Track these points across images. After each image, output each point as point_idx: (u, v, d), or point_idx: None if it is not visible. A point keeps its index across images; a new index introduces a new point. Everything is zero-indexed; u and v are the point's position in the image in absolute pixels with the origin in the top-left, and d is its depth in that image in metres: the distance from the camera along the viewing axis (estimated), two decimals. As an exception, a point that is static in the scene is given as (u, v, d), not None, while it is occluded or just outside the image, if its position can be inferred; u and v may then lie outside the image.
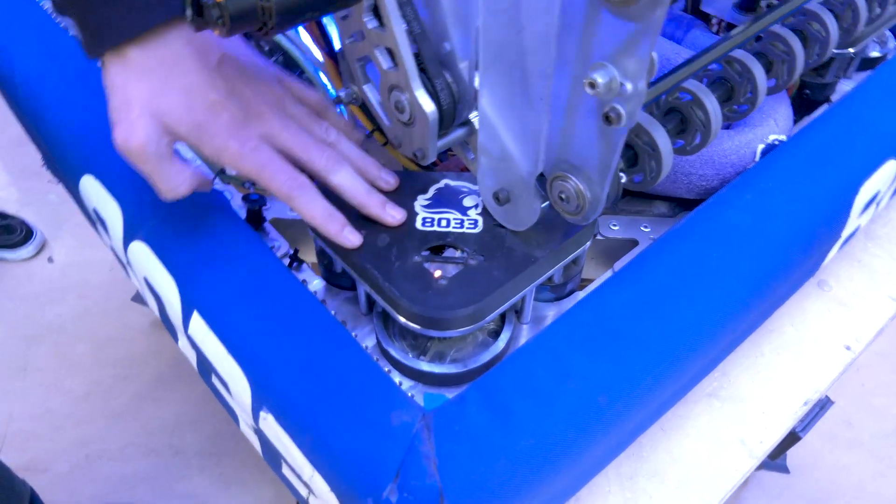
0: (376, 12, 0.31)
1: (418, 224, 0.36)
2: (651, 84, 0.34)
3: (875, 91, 0.46)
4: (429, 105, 0.32)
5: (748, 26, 0.38)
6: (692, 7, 0.55)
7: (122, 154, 0.32)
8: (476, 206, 0.37)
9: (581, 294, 0.40)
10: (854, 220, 0.43)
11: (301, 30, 0.44)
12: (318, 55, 0.44)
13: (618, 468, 0.39)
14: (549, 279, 0.37)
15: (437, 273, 0.34)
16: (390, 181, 0.38)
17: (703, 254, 0.36)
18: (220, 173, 0.44)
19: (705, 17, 0.55)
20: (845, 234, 0.44)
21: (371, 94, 0.36)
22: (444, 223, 0.36)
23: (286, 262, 0.41)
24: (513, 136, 0.31)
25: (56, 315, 1.18)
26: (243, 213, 0.42)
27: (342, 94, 0.37)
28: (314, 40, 0.43)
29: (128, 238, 0.40)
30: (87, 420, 1.04)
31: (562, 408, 0.30)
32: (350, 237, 0.35)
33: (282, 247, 0.42)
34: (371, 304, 0.38)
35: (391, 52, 0.32)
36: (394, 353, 0.35)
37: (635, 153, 0.34)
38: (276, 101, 0.35)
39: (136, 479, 0.98)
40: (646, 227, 0.44)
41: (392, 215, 0.36)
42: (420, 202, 0.37)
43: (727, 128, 0.44)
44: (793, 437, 0.68)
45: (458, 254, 0.35)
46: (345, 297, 0.40)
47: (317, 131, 0.36)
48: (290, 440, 0.32)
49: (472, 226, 0.36)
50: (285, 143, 0.34)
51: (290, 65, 0.44)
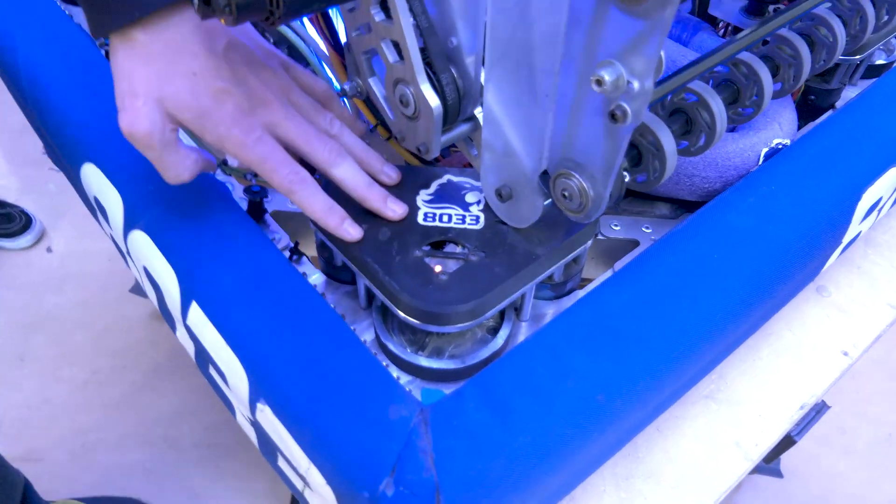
0: (384, 5, 0.31)
1: (420, 219, 0.36)
2: (657, 84, 0.34)
3: (880, 98, 0.46)
4: (434, 99, 0.32)
5: (755, 29, 0.38)
6: (699, 10, 0.55)
7: (128, 139, 0.32)
8: (478, 203, 0.37)
9: (581, 293, 0.40)
10: (855, 226, 0.43)
11: (306, 22, 0.44)
12: (323, 47, 0.44)
13: (613, 468, 0.39)
14: (550, 277, 0.37)
15: (438, 268, 0.34)
16: (392, 175, 0.38)
17: (704, 255, 0.36)
18: (223, 164, 0.43)
19: (712, 21, 0.54)
20: (846, 239, 0.44)
21: (376, 88, 0.36)
22: (445, 218, 0.36)
23: (286, 254, 0.41)
24: (517, 132, 0.31)
25: (54, 305, 1.18)
26: (244, 205, 0.42)
27: (347, 87, 0.37)
28: (319, 33, 0.43)
29: (128, 227, 0.40)
30: (83, 410, 1.04)
31: (560, 405, 0.30)
32: (350, 230, 0.35)
33: (282, 239, 0.42)
34: (370, 298, 0.38)
35: (397, 46, 0.32)
36: (392, 347, 0.35)
37: (639, 153, 0.34)
38: (282, 89, 0.35)
39: (132, 469, 0.98)
40: (647, 227, 0.44)
41: (393, 209, 0.36)
42: (422, 197, 0.37)
43: (731, 130, 0.44)
44: (788, 441, 0.69)
45: (458, 249, 0.35)
46: (344, 291, 0.40)
47: (320, 122, 0.36)
48: (286, 432, 0.32)
49: (474, 222, 0.36)
50: (288, 134, 0.34)
51: (295, 57, 0.44)
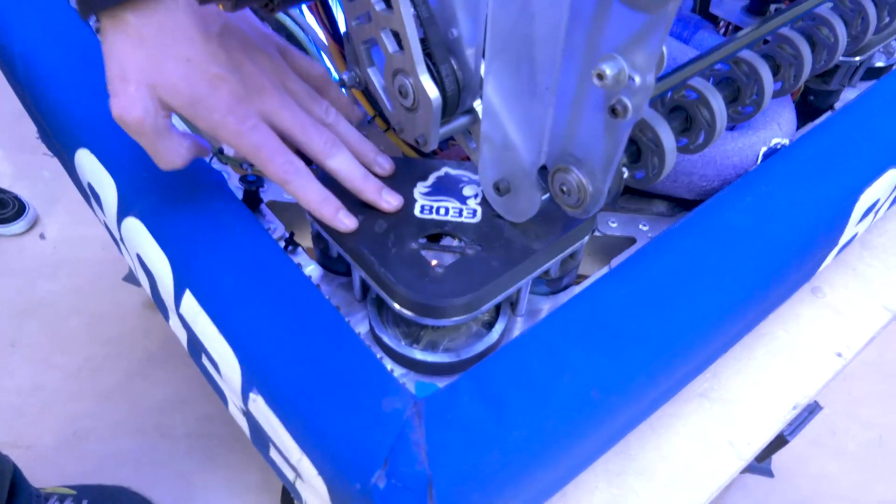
0: (384, -6, 0.31)
1: (416, 211, 0.36)
2: (658, 80, 0.34)
3: (879, 100, 0.46)
4: (433, 91, 0.32)
5: (757, 27, 0.37)
6: (700, 8, 0.55)
7: (119, 125, 0.31)
8: (476, 196, 0.37)
9: (577, 289, 0.40)
10: (852, 227, 0.43)
11: (305, 10, 0.43)
12: (322, 37, 0.43)
13: (606, 465, 0.39)
14: (546, 273, 0.37)
15: (434, 261, 0.33)
16: (385, 166, 0.37)
17: (701, 253, 0.36)
18: (218, 153, 0.43)
19: (713, 20, 0.54)
20: (842, 241, 0.44)
21: (375, 78, 0.36)
22: (442, 211, 0.36)
23: (282, 244, 0.40)
24: (516, 125, 0.30)
25: (47, 291, 1.17)
26: (240, 194, 0.42)
27: (345, 77, 0.37)
28: (318, 21, 0.43)
29: (122, 214, 0.39)
30: (75, 398, 1.03)
31: (554, 401, 0.30)
32: (345, 221, 0.34)
33: (277, 229, 0.41)
34: (365, 290, 0.38)
35: (397, 36, 0.32)
36: (387, 340, 0.35)
37: (638, 149, 0.34)
38: (278, 75, 0.34)
39: (122, 458, 0.97)
40: (644, 225, 0.44)
41: (388, 201, 0.35)
42: (419, 189, 0.37)
43: (730, 129, 0.44)
44: (780, 441, 0.69)
45: (455, 243, 0.35)
46: (339, 283, 0.40)
47: (316, 111, 0.36)
48: (279, 423, 0.31)
49: (471, 215, 0.36)
50: (284, 123, 0.34)
51: (294, 46, 0.44)
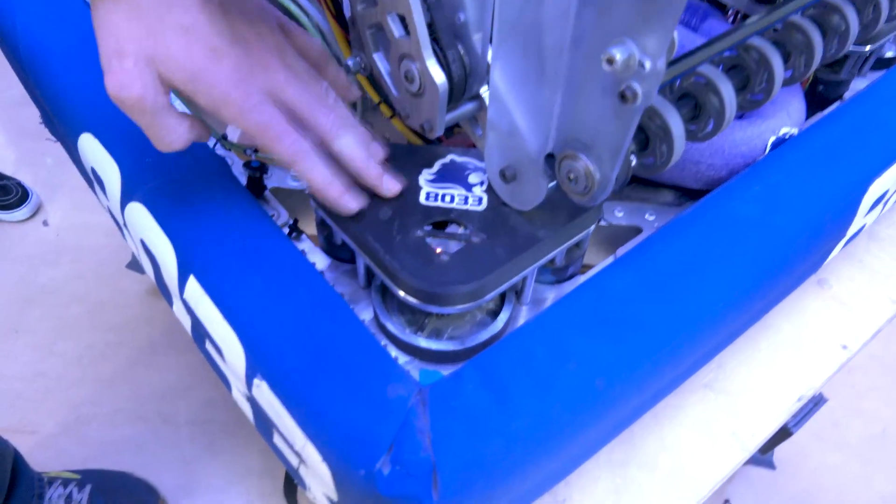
0: (390, -23, 0.31)
1: (422, 199, 0.35)
2: (668, 66, 0.33)
3: (889, 90, 0.45)
4: (439, 76, 0.32)
5: (767, 13, 0.37)
6: (709, -5, 0.54)
7: (116, 103, 0.29)
8: (481, 184, 0.36)
9: (582, 278, 0.40)
10: (860, 218, 0.43)
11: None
12: (329, 21, 0.43)
13: (609, 454, 0.39)
14: (552, 261, 0.37)
15: (439, 249, 0.33)
16: (379, 154, 0.36)
17: (707, 243, 0.36)
18: (222, 139, 0.43)
19: (722, 8, 0.54)
20: (850, 232, 0.43)
21: (381, 63, 0.35)
22: (448, 199, 0.35)
23: (286, 231, 0.40)
24: (524, 112, 0.30)
25: (50, 278, 1.17)
26: (243, 180, 0.42)
27: (351, 62, 0.37)
28: (323, 4, 0.42)
29: (125, 199, 0.39)
30: (77, 384, 1.04)
31: (558, 389, 0.29)
32: (350, 203, 0.33)
33: (281, 216, 0.41)
34: (370, 277, 0.38)
35: (404, 20, 0.31)
36: (391, 327, 0.35)
37: (647, 136, 0.33)
38: (279, 50, 0.32)
39: (124, 444, 0.98)
40: (650, 215, 0.44)
41: (388, 187, 0.35)
42: (425, 176, 0.37)
43: (739, 118, 0.43)
44: (784, 433, 0.69)
45: (460, 230, 0.34)
46: (343, 270, 0.40)
47: (316, 91, 0.34)
48: (283, 408, 0.31)
49: (477, 203, 0.35)
50: (289, 100, 0.32)
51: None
